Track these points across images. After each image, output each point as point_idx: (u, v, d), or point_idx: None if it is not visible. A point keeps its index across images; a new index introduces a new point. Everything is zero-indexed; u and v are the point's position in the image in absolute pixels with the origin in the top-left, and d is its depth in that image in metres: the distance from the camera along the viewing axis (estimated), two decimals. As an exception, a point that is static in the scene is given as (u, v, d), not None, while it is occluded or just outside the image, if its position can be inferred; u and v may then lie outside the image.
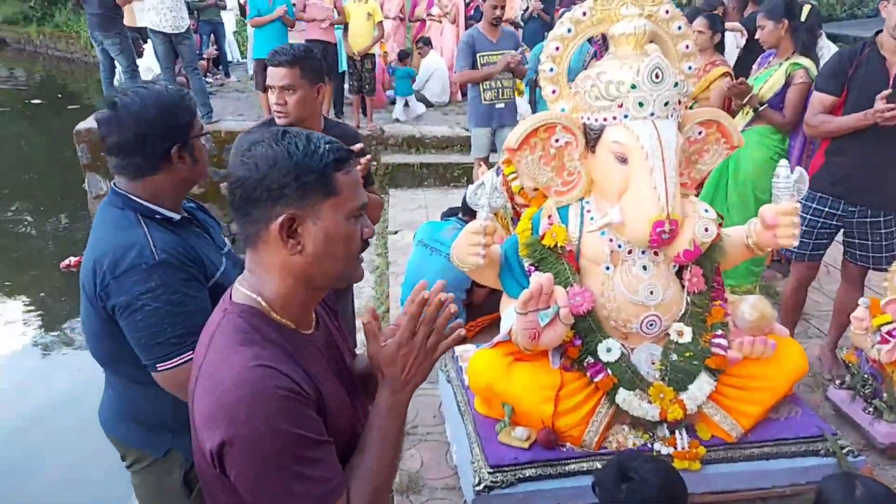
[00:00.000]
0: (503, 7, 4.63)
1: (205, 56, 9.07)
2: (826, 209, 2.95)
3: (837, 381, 2.95)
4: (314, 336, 1.14)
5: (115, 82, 6.83)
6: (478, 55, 4.59)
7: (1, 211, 7.76)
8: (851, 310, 3.05)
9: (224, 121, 6.88)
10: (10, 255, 6.80)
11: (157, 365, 1.46)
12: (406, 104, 7.68)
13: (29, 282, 6.15)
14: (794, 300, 3.20)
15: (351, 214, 1.05)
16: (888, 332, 2.62)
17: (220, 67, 9.52)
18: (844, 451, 2.33)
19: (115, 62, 6.67)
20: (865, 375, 2.72)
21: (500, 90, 4.68)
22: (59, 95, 13.52)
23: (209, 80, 8.69)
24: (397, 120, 7.49)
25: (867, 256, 2.98)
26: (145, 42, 8.23)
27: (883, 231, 2.93)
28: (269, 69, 2.26)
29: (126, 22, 6.85)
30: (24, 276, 6.32)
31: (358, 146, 2.14)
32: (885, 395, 2.67)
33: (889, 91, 2.67)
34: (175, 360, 1.44)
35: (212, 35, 9.35)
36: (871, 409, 2.70)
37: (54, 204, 8.03)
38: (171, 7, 6.29)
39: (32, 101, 12.96)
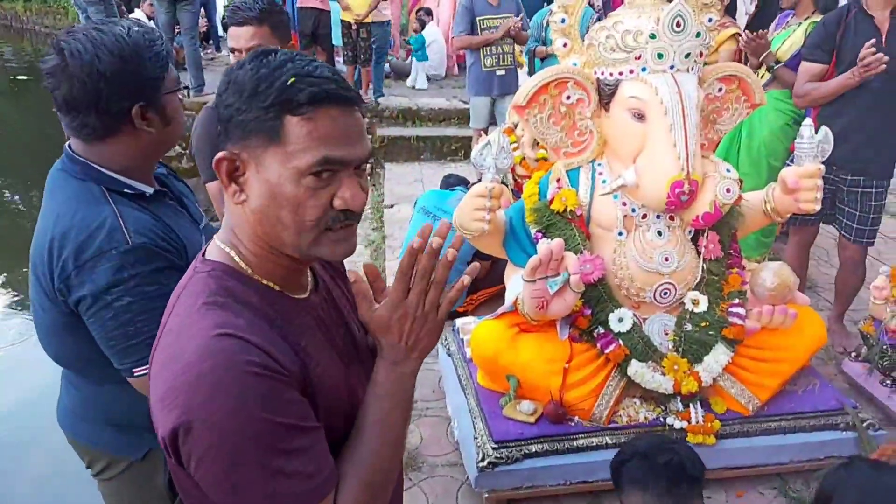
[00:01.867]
0: (504, -30, 4.46)
1: (195, 29, 8.84)
2: None
3: (853, 354, 2.86)
4: (309, 301, 0.95)
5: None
6: (477, 19, 4.43)
7: (-13, 187, 7.58)
8: (852, 288, 3.04)
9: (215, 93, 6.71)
10: (-4, 230, 6.64)
11: (134, 370, 1.24)
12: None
13: (14, 259, 5.99)
14: (796, 265, 3.11)
15: (302, 173, 0.82)
16: (909, 303, 2.51)
17: (211, 41, 9.29)
18: (865, 424, 2.23)
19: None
20: (884, 347, 2.62)
21: (501, 56, 4.52)
22: (47, 71, 13.24)
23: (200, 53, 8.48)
24: (421, 88, 7.47)
25: (851, 227, 2.93)
26: (130, 11, 8.00)
27: (873, 203, 2.88)
28: (232, 30, 1.98)
29: (112, -10, 6.63)
30: (9, 253, 6.16)
31: None
32: (903, 367, 2.58)
33: (874, 41, 2.59)
34: None
35: (202, 8, 9.10)
36: (889, 382, 2.62)
37: (41, 180, 7.84)
38: None
39: (19, 77, 12.68)
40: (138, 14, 7.86)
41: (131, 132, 1.26)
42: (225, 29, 2.06)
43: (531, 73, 5.26)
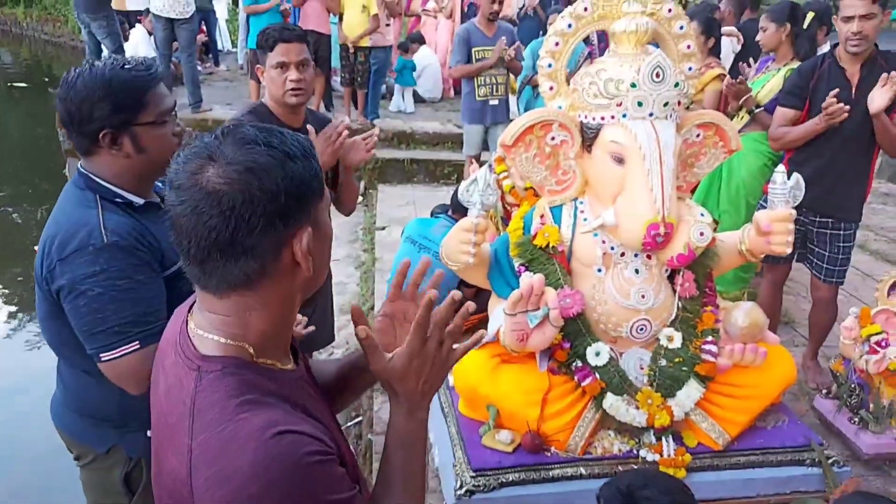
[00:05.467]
0: (501, 2, 4.59)
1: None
2: None
3: (824, 391, 2.94)
4: (299, 370, 0.98)
5: (102, 66, 6.74)
6: (473, 50, 4.56)
7: (-20, 194, 7.60)
8: (824, 326, 3.12)
9: (213, 109, 6.79)
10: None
11: (101, 354, 1.39)
12: (402, 96, 7.67)
13: (6, 266, 6.01)
14: (770, 302, 3.21)
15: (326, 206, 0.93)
16: (877, 343, 2.60)
17: (210, 55, 9.40)
18: (830, 461, 2.30)
19: (102, 45, 6.57)
20: (853, 385, 2.71)
21: (495, 86, 4.65)
22: (46, 79, 13.28)
23: (199, 67, 8.57)
24: (401, 111, 7.58)
25: (822, 267, 3.03)
26: (132, 27, 8.11)
27: (842, 244, 2.98)
28: (282, 45, 2.21)
29: (114, 6, 6.74)
30: (4, 255, 6.18)
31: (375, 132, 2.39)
32: (871, 405, 2.66)
33: (838, 90, 2.72)
34: (119, 349, 1.37)
35: (202, 23, 9.22)
36: (856, 420, 2.69)
37: (36, 189, 7.88)
38: None
39: (17, 85, 12.74)
40: (139, 29, 7.96)
41: (106, 153, 1.45)
42: (263, 48, 2.24)
43: (518, 99, 5.41)
